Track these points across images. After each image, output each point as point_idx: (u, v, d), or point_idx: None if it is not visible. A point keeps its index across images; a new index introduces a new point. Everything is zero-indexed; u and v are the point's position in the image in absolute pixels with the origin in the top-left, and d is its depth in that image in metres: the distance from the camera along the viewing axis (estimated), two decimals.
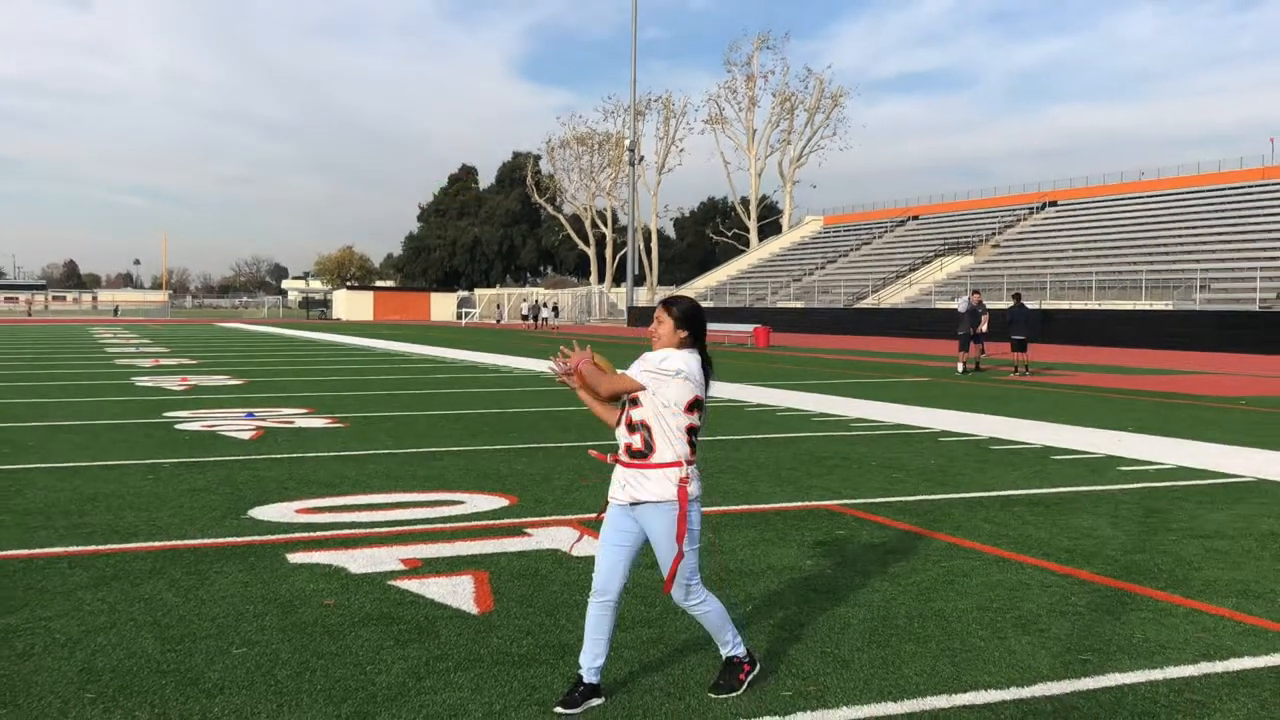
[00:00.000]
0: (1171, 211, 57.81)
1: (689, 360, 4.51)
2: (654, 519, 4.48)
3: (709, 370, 4.61)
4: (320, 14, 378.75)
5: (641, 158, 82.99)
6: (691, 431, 4.52)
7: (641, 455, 4.48)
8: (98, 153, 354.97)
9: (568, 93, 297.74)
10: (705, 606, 4.62)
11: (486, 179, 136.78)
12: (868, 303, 60.87)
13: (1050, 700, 4.58)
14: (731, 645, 4.65)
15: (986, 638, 5.40)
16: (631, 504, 4.51)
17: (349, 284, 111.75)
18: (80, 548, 7.15)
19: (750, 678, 4.64)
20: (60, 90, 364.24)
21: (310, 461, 10.97)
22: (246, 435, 13.00)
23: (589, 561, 6.82)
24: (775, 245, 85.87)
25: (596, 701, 4.47)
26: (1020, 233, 65.03)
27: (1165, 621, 5.70)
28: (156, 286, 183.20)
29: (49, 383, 21.29)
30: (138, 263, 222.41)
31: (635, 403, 4.51)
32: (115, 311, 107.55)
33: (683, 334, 4.57)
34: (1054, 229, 63.22)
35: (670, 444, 4.46)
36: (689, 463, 4.50)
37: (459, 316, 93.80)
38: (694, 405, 4.51)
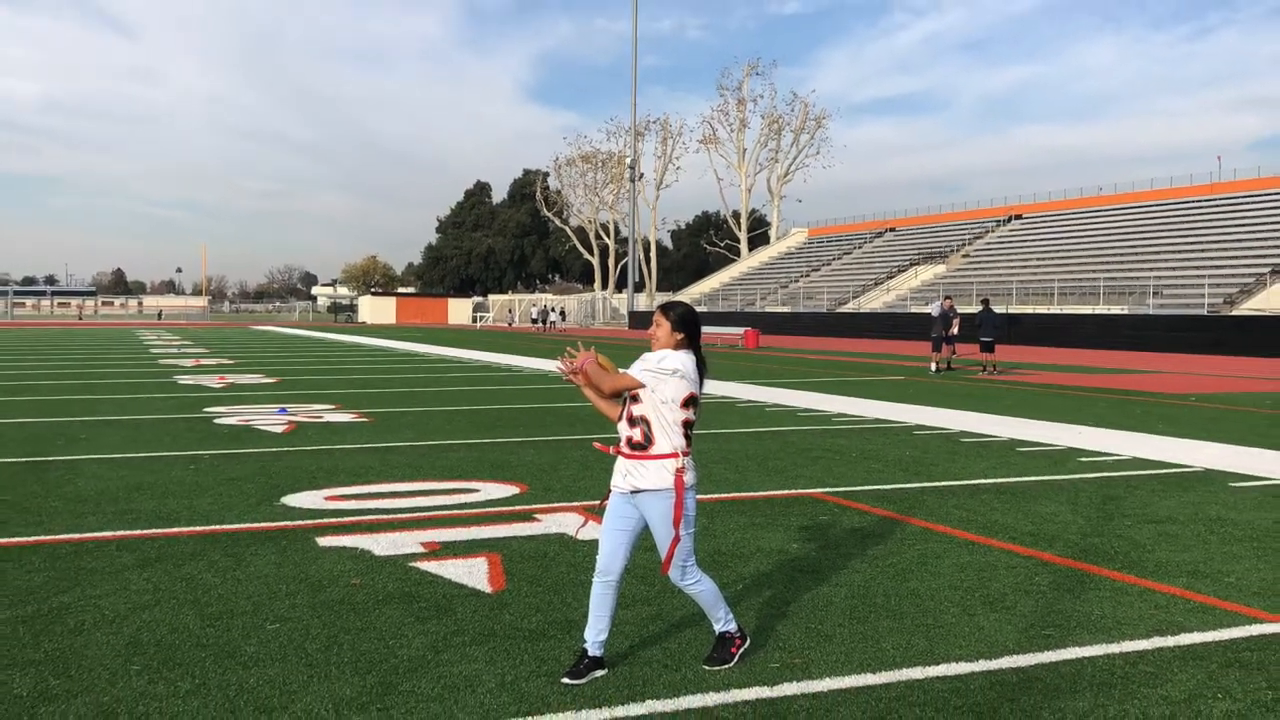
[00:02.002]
0: (1127, 224, 57.80)
1: (685, 360, 4.52)
2: (653, 505, 4.48)
3: (703, 369, 4.61)
4: (346, 43, 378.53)
5: (641, 175, 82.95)
6: (687, 425, 4.53)
7: (641, 447, 4.49)
8: (143, 170, 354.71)
9: (574, 115, 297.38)
10: (700, 586, 4.62)
11: (499, 194, 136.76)
12: (849, 308, 60.83)
13: (1016, 672, 4.58)
14: (724, 621, 4.65)
15: (957, 614, 5.40)
16: (632, 492, 4.51)
17: (373, 290, 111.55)
18: (127, 532, 7.15)
19: (741, 651, 4.64)
20: (109, 113, 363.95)
21: (338, 453, 10.96)
22: (279, 429, 12.98)
23: (593, 544, 6.82)
24: (764, 255, 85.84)
25: (600, 673, 4.47)
26: (988, 243, 64.99)
27: (1121, 600, 5.70)
28: (197, 293, 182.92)
29: (99, 380, 21.28)
30: (179, 271, 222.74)
31: (636, 399, 4.51)
32: (159, 315, 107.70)
33: (679, 336, 4.58)
34: (1019, 240, 63.19)
35: (668, 437, 4.47)
36: (684, 454, 4.50)
37: (474, 320, 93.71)
38: (689, 401, 4.51)
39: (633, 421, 4.51)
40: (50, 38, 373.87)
